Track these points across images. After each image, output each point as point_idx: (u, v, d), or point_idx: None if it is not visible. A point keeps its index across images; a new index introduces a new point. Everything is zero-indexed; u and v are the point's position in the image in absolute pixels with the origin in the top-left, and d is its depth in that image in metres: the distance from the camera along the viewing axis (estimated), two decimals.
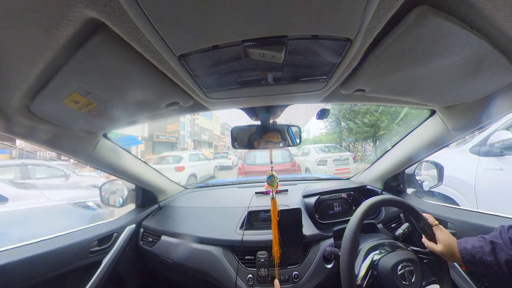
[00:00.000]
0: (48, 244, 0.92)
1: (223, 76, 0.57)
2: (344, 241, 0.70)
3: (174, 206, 1.39)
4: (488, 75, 0.59)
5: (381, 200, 0.78)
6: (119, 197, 1.35)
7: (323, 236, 1.05)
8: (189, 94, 0.70)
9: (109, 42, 0.44)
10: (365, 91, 0.72)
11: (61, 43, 0.42)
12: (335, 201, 1.26)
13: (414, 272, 0.68)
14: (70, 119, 0.73)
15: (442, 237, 0.74)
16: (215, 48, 0.44)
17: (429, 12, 0.40)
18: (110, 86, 0.59)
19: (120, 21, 0.38)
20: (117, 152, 1.10)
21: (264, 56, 0.46)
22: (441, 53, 0.50)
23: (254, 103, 0.80)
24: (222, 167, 9.85)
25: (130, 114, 0.80)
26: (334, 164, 6.66)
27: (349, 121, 14.30)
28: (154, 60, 0.49)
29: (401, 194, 1.33)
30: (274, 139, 0.92)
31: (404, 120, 8.52)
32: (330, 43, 0.44)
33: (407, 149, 1.16)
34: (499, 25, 0.44)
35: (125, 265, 1.19)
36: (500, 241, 0.63)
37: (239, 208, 1.19)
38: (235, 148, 0.96)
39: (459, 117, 0.84)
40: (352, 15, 0.36)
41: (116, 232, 1.16)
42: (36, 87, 0.55)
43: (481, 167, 2.13)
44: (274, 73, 0.58)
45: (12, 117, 0.64)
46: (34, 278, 0.83)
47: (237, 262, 0.99)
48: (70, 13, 0.36)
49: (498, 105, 0.71)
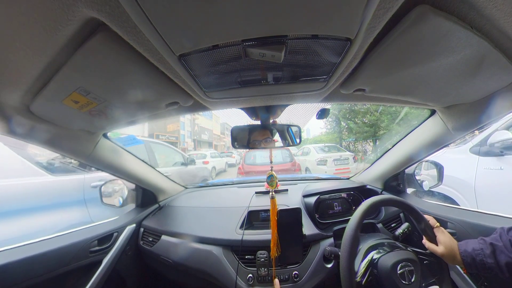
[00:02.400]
0: (48, 244, 0.92)
1: (223, 75, 0.57)
2: (344, 239, 0.70)
3: (174, 205, 1.39)
4: (488, 75, 0.59)
5: (382, 199, 0.78)
6: (119, 197, 1.35)
7: (323, 235, 1.05)
8: (189, 94, 0.70)
9: (109, 42, 0.44)
10: (365, 91, 0.72)
11: (61, 43, 0.42)
12: (335, 201, 1.26)
13: (414, 272, 0.67)
14: (70, 119, 0.73)
15: (443, 239, 0.73)
16: (215, 47, 0.44)
17: (429, 11, 0.40)
18: (110, 85, 0.58)
19: (120, 21, 0.38)
20: (117, 152, 1.10)
21: (264, 55, 0.46)
22: (441, 52, 0.50)
23: (254, 102, 0.80)
24: (230, 164, 12.02)
25: (130, 114, 0.80)
26: (334, 164, 6.66)
27: (349, 121, 14.32)
28: (154, 59, 0.49)
29: (401, 194, 1.33)
30: (274, 138, 0.92)
31: (404, 120, 8.53)
32: (330, 43, 0.44)
33: (407, 149, 1.16)
34: (500, 25, 0.44)
35: (125, 265, 1.19)
36: (500, 243, 0.63)
37: (239, 208, 1.19)
38: (235, 148, 0.96)
39: (459, 117, 0.83)
40: (352, 15, 0.36)
41: (116, 232, 1.16)
42: (36, 87, 0.55)
43: (481, 167, 2.13)
44: (274, 73, 0.58)
45: (12, 117, 0.64)
46: (34, 278, 0.83)
47: (237, 261, 0.99)
48: (70, 13, 0.36)
49: (498, 105, 0.71)
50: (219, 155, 11.30)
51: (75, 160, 0.99)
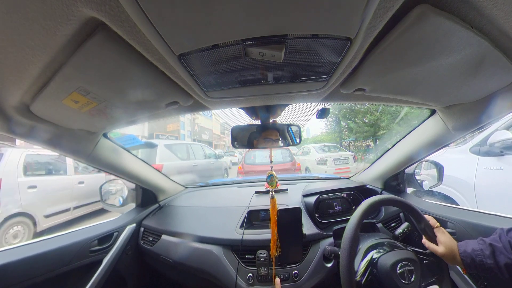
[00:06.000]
0: (49, 243, 0.93)
1: (223, 75, 0.57)
2: (344, 239, 0.70)
3: (174, 205, 1.39)
4: (489, 74, 0.59)
5: (382, 199, 0.78)
6: (119, 197, 1.35)
7: (323, 235, 1.05)
8: (189, 94, 0.70)
9: (108, 42, 0.44)
10: (365, 90, 0.72)
11: (61, 43, 0.42)
12: (335, 201, 1.26)
13: (414, 272, 0.68)
14: (70, 118, 0.73)
15: (443, 239, 0.74)
16: (215, 47, 0.44)
17: (430, 11, 0.40)
18: (110, 85, 0.58)
19: (119, 21, 0.38)
20: (117, 152, 1.10)
21: (264, 55, 0.46)
22: (442, 52, 0.50)
23: (254, 102, 0.80)
24: (233, 163, 12.76)
25: (130, 113, 0.80)
26: (334, 164, 6.66)
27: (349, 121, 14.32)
28: (154, 59, 0.49)
29: (401, 194, 1.33)
30: (274, 138, 0.92)
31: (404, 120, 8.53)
32: (330, 42, 0.44)
33: (407, 149, 1.16)
34: (500, 25, 0.43)
35: (126, 265, 1.19)
36: (500, 244, 0.63)
37: (239, 208, 1.19)
38: (235, 147, 0.96)
39: (459, 116, 0.83)
40: (353, 14, 0.36)
41: (116, 232, 1.16)
42: (36, 87, 0.55)
43: (481, 167, 2.13)
44: (274, 72, 0.58)
45: (12, 117, 0.64)
46: (35, 278, 0.83)
47: (237, 261, 0.99)
48: (69, 13, 0.36)
49: (498, 105, 0.71)
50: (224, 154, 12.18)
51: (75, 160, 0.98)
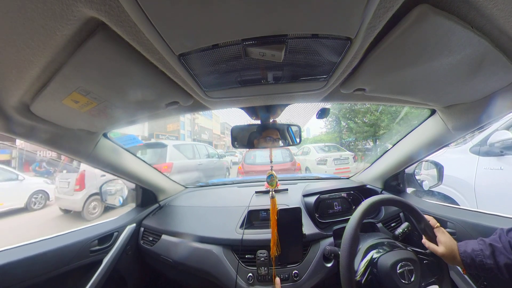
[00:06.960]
0: (49, 243, 0.93)
1: (223, 75, 0.57)
2: (344, 238, 0.70)
3: (174, 205, 1.39)
4: (489, 74, 0.59)
5: (382, 199, 0.78)
6: (119, 197, 1.35)
7: (323, 235, 1.05)
8: (189, 94, 0.70)
9: (108, 42, 0.44)
10: (365, 90, 0.72)
11: (61, 43, 0.42)
12: (335, 201, 1.26)
13: (414, 272, 0.68)
14: (70, 118, 0.73)
15: (443, 239, 0.74)
16: (215, 47, 0.44)
17: (430, 11, 0.40)
18: (110, 85, 0.58)
19: (119, 20, 0.38)
20: (117, 152, 1.10)
21: (264, 55, 0.46)
22: (442, 52, 0.50)
23: (254, 102, 0.80)
24: (233, 162, 13.00)
25: (130, 113, 0.80)
26: (334, 164, 6.66)
27: (349, 121, 14.32)
28: (154, 59, 0.49)
29: (401, 194, 1.33)
30: (274, 138, 0.92)
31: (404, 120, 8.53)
32: (330, 42, 0.44)
33: (407, 149, 1.16)
34: (500, 24, 0.43)
35: (126, 264, 1.19)
36: (500, 244, 0.63)
37: (239, 207, 1.19)
38: (235, 147, 0.96)
39: (459, 116, 0.83)
40: (353, 14, 0.36)
41: (116, 232, 1.16)
42: (36, 87, 0.55)
43: (481, 167, 2.13)
44: (274, 72, 0.58)
45: (12, 117, 0.64)
46: (35, 278, 0.83)
47: (237, 261, 0.99)
48: (69, 13, 0.36)
49: (498, 105, 0.71)
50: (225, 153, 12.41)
51: (75, 160, 0.98)
